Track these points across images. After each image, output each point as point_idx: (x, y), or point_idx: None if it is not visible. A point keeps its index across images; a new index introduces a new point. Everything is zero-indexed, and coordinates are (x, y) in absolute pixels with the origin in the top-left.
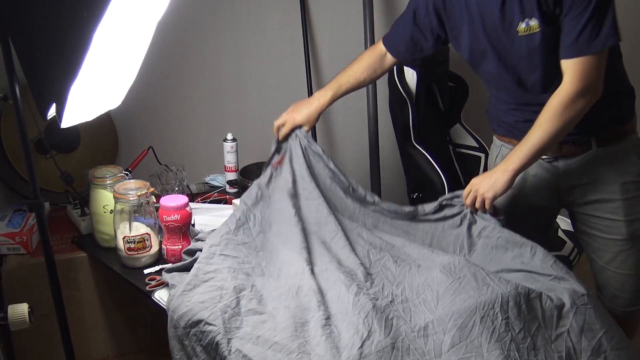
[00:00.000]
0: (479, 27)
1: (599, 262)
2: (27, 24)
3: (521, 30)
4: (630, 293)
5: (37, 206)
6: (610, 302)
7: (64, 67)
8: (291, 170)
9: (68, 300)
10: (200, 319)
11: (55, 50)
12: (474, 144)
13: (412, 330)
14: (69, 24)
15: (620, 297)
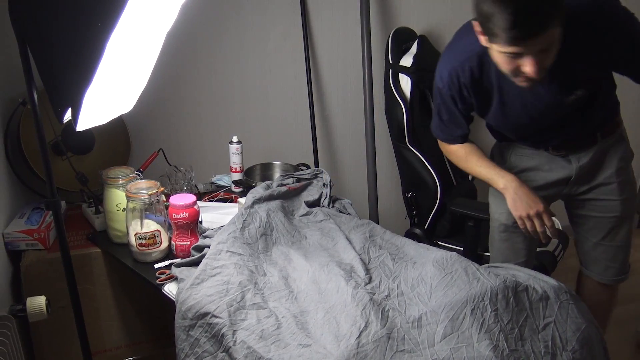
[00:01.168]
0: (516, 102)
1: (592, 240)
2: (45, 33)
3: (569, 101)
4: (619, 262)
5: (54, 205)
6: (601, 275)
7: (79, 74)
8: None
9: (83, 293)
10: (208, 311)
11: (70, 58)
12: None
13: (406, 321)
14: (83, 34)
15: (612, 267)
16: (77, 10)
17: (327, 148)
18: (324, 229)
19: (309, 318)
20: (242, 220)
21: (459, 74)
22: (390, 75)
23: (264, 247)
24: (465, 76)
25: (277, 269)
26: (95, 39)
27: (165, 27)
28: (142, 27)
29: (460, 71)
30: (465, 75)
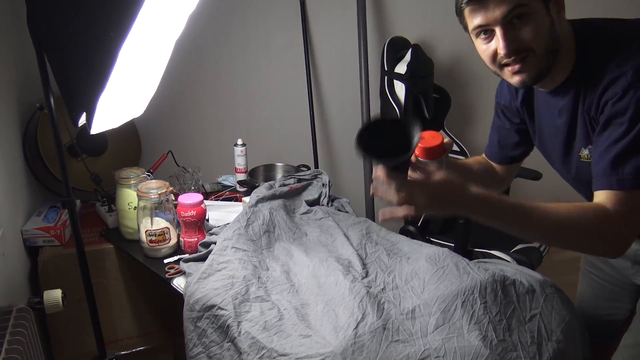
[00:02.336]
0: (543, 136)
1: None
2: (61, 43)
3: (584, 156)
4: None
5: (70, 203)
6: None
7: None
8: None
9: (97, 286)
10: (214, 304)
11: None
12: (455, 149)
13: (401, 313)
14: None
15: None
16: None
17: (326, 150)
18: (324, 226)
19: (309, 310)
20: (246, 218)
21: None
22: (385, 82)
23: (267, 243)
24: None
25: (279, 264)
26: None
27: (174, 36)
28: (152, 36)
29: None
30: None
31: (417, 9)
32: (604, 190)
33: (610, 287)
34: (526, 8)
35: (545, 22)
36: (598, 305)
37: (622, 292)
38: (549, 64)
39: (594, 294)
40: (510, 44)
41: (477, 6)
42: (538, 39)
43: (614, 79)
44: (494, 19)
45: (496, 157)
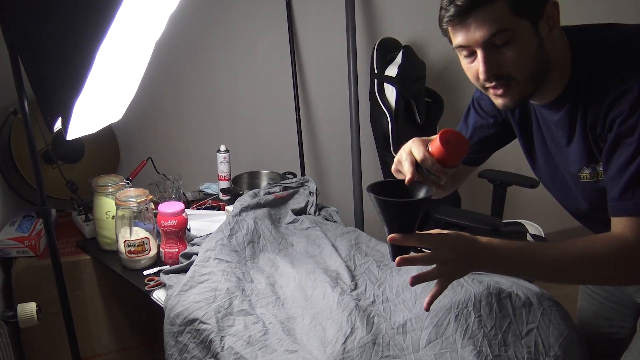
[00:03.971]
0: (541, 151)
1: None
2: (35, 44)
3: (584, 176)
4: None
5: (45, 212)
6: None
7: (69, 84)
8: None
9: (73, 299)
10: (196, 317)
11: (61, 68)
12: None
13: (391, 327)
14: (73, 44)
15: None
16: (68, 20)
17: (313, 157)
18: (310, 237)
19: (296, 324)
20: (229, 228)
21: None
22: (375, 85)
23: (251, 254)
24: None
25: (264, 275)
26: (85, 49)
27: (153, 37)
28: (131, 37)
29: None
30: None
31: (408, 9)
32: (620, 217)
33: (610, 306)
34: (509, 33)
35: (532, 44)
36: (599, 324)
37: (623, 311)
38: (535, 87)
39: (594, 312)
40: (491, 69)
41: (458, 26)
42: (521, 66)
43: (619, 95)
44: (474, 41)
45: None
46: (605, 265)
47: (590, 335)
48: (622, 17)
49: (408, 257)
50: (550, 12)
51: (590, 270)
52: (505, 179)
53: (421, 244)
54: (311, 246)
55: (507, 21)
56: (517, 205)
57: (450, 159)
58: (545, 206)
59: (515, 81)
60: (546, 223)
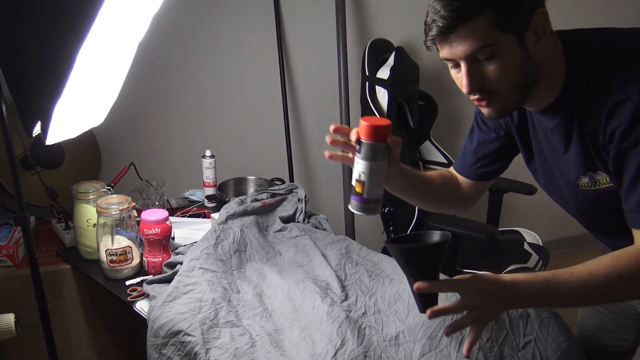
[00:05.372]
0: (539, 158)
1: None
2: (13, 45)
3: (583, 184)
4: None
5: (23, 220)
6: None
7: (48, 86)
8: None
9: (53, 310)
10: (180, 329)
11: (40, 70)
12: (442, 160)
13: (383, 339)
14: (53, 45)
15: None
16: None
17: (302, 162)
18: (299, 245)
19: (284, 336)
20: (215, 236)
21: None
22: (366, 88)
23: (238, 263)
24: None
25: (251, 286)
26: (66, 51)
27: (136, 38)
28: (113, 38)
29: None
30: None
31: (401, 9)
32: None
33: (612, 317)
34: (492, 48)
35: (516, 57)
36: (600, 336)
37: (625, 323)
38: (521, 98)
39: (595, 324)
40: (474, 83)
41: (442, 41)
42: (504, 80)
43: (618, 103)
44: (457, 56)
45: (469, 171)
46: (634, 282)
47: (591, 347)
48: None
49: (440, 309)
50: (538, 21)
51: (620, 290)
52: (501, 185)
53: (448, 290)
54: (300, 255)
55: (490, 37)
56: (514, 212)
57: (365, 130)
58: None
59: (499, 95)
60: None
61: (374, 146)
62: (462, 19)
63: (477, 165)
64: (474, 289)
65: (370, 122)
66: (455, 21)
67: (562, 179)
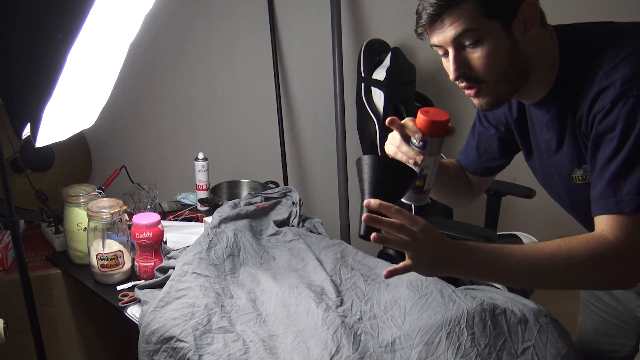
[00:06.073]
0: (537, 153)
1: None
2: (3, 45)
3: (576, 177)
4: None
5: (12, 224)
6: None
7: (38, 88)
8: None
9: (42, 316)
10: (172, 335)
11: (30, 70)
12: None
13: (379, 345)
14: (43, 46)
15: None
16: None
17: (296, 165)
18: (294, 250)
19: (278, 342)
20: (208, 241)
21: None
22: (362, 89)
23: (231, 268)
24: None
25: (244, 291)
26: (56, 51)
27: (128, 38)
28: (104, 39)
29: None
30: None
31: (397, 9)
32: (602, 215)
33: (612, 322)
34: (477, 32)
35: (503, 46)
36: (599, 341)
37: (625, 328)
38: (511, 88)
39: (595, 329)
40: (460, 69)
41: (431, 27)
42: (490, 67)
43: (602, 90)
44: (444, 41)
45: (472, 166)
46: (582, 266)
47: (590, 352)
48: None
49: (383, 236)
50: (527, 12)
51: (566, 272)
52: (499, 188)
53: (398, 217)
54: (294, 260)
55: (475, 22)
56: (512, 216)
57: (429, 126)
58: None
59: (486, 84)
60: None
61: (440, 141)
62: (448, 5)
63: (480, 160)
64: (424, 230)
65: (433, 117)
66: (442, 7)
67: (557, 173)
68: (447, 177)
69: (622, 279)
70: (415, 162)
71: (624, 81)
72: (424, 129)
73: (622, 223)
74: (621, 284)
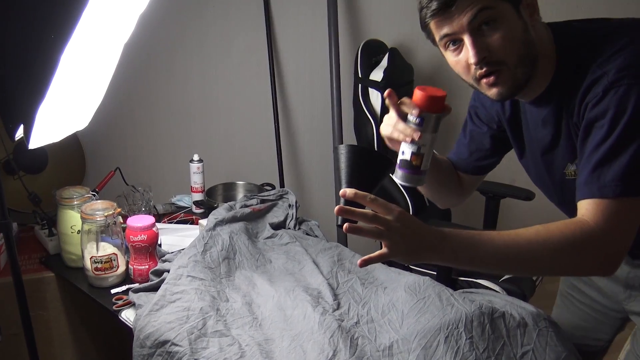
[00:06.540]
0: (527, 151)
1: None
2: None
3: (569, 173)
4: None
5: (5, 226)
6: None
7: (31, 88)
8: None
9: (36, 319)
10: (167, 339)
11: (23, 71)
12: None
13: (377, 349)
14: (36, 46)
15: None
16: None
17: (293, 167)
18: (290, 252)
19: (274, 346)
20: (203, 243)
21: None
22: (359, 90)
23: (227, 271)
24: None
25: (240, 294)
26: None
27: (122, 38)
28: (98, 39)
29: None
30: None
31: (394, 9)
32: (585, 199)
33: (591, 315)
34: (493, 11)
35: (517, 26)
36: (573, 334)
37: (603, 321)
38: (527, 73)
39: (570, 321)
40: (481, 52)
41: (442, 17)
42: (509, 47)
43: (595, 80)
44: (460, 27)
45: (464, 164)
46: (558, 250)
47: None
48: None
49: (358, 227)
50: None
51: (544, 256)
52: (498, 190)
53: (373, 206)
54: (291, 263)
55: (489, 1)
56: (511, 218)
57: (427, 101)
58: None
59: (506, 66)
60: None
61: (438, 117)
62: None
63: (472, 158)
64: (399, 218)
65: (430, 92)
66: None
67: (551, 169)
68: (440, 172)
69: (600, 265)
70: (412, 139)
71: (617, 70)
72: (421, 104)
73: (603, 207)
74: (599, 269)
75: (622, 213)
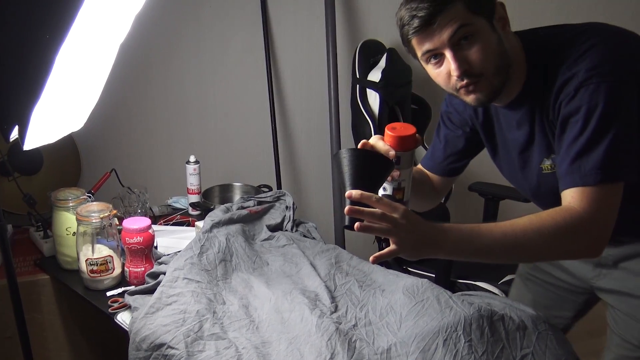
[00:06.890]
0: (500, 151)
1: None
2: None
3: (546, 167)
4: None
5: (0, 228)
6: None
7: (26, 89)
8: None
9: (31, 322)
10: (163, 342)
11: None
12: None
13: (375, 352)
14: (31, 46)
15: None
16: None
17: (290, 168)
18: (287, 255)
19: (271, 349)
20: (199, 245)
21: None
22: (357, 91)
23: (223, 273)
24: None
25: (237, 297)
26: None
27: (118, 39)
28: (93, 39)
29: None
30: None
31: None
32: (568, 189)
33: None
34: (471, 27)
35: (492, 39)
36: None
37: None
38: (502, 81)
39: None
40: (462, 65)
41: (424, 34)
42: (487, 60)
43: (566, 80)
44: (441, 43)
45: (439, 167)
46: (552, 236)
47: None
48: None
49: (366, 225)
50: (499, 12)
51: (538, 243)
52: (497, 192)
53: (379, 206)
54: (288, 265)
55: (467, 18)
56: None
57: (401, 142)
58: None
59: (484, 77)
60: None
61: (412, 154)
62: (441, 7)
63: (447, 161)
64: (404, 215)
65: (401, 132)
66: (435, 9)
67: (525, 167)
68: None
69: (589, 248)
70: (392, 178)
71: (585, 71)
72: (395, 145)
73: (587, 194)
74: (588, 252)
75: (604, 198)
